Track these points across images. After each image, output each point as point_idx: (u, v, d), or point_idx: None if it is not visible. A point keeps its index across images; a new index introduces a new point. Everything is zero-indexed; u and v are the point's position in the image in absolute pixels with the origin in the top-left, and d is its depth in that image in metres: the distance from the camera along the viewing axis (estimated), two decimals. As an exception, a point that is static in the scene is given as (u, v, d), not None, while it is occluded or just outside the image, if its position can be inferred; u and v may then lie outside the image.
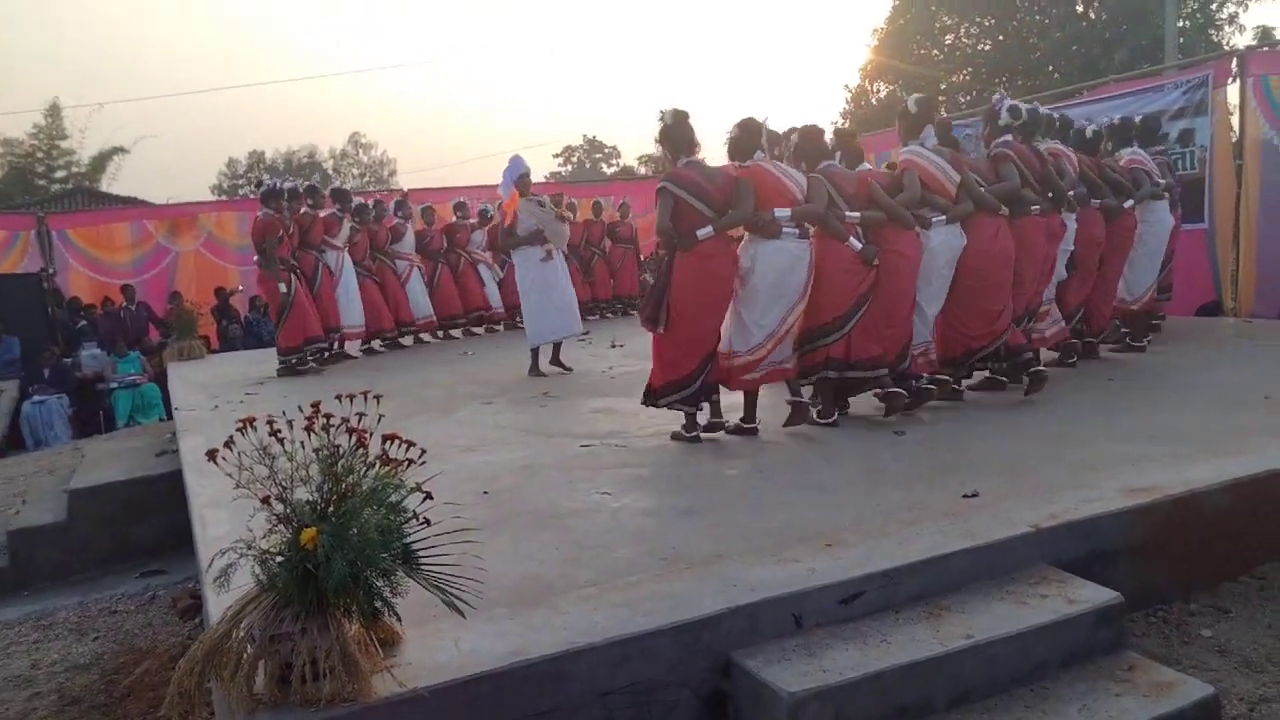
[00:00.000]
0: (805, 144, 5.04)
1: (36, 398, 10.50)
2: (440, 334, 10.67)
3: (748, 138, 4.78)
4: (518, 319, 11.20)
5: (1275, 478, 3.64)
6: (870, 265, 4.84)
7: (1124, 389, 5.57)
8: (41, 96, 51.70)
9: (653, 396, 4.87)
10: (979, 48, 24.90)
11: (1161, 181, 6.82)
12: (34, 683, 4.20)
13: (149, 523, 5.86)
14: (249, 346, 12.00)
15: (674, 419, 5.30)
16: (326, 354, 8.80)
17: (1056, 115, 6.36)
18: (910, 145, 5.29)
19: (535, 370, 7.35)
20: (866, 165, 5.40)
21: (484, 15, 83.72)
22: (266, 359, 9.71)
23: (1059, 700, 2.61)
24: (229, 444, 2.32)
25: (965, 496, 3.53)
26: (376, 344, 9.76)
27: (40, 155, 27.21)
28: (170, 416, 9.93)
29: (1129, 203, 6.39)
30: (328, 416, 2.37)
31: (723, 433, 4.92)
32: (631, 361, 7.91)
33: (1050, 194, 5.60)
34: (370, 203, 9.88)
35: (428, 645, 2.48)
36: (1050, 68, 22.58)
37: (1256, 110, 8.32)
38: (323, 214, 8.80)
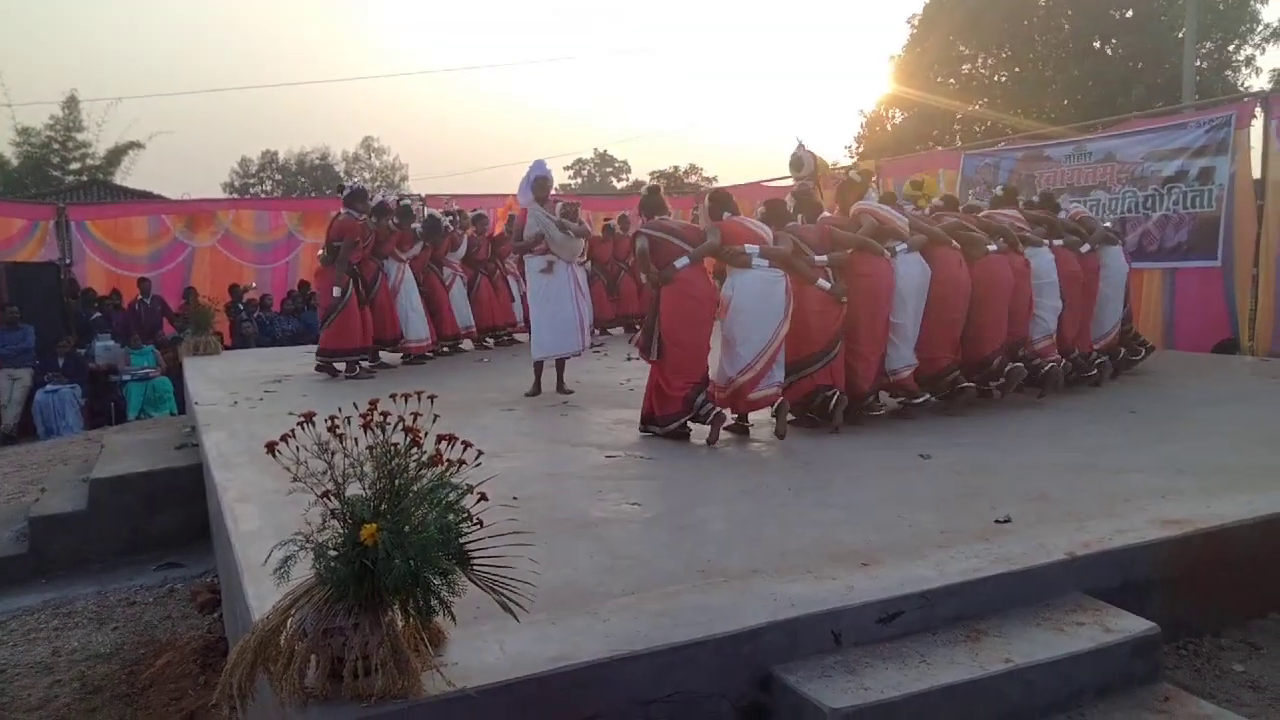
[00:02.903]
0: (770, 211, 5.64)
1: (50, 386, 10.54)
2: (486, 341, 10.49)
3: (717, 204, 5.54)
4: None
5: (1305, 516, 3.65)
6: (840, 302, 5.42)
7: (1146, 421, 5.59)
8: (59, 88, 51.94)
9: (654, 424, 5.29)
10: (995, 79, 25.04)
11: (1109, 225, 7.66)
12: (55, 670, 4.20)
13: (167, 515, 5.88)
14: (262, 344, 12.05)
15: (696, 433, 5.36)
16: (369, 364, 8.43)
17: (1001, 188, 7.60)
18: (859, 203, 6.05)
19: (535, 389, 6.95)
20: (826, 213, 6.10)
21: (499, 28, 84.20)
22: (280, 356, 9.77)
23: (1097, 728, 2.62)
24: (286, 438, 2.33)
25: (997, 521, 3.55)
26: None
27: (56, 146, 27.30)
28: (181, 410, 9.97)
29: (1085, 247, 6.95)
30: (384, 414, 2.39)
31: (725, 430, 5.33)
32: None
33: (1000, 238, 6.29)
34: (444, 216, 9.69)
35: (473, 646, 2.49)
36: (1066, 101, 22.70)
37: (1279, 152, 8.38)
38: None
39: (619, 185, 47.74)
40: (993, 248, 6.13)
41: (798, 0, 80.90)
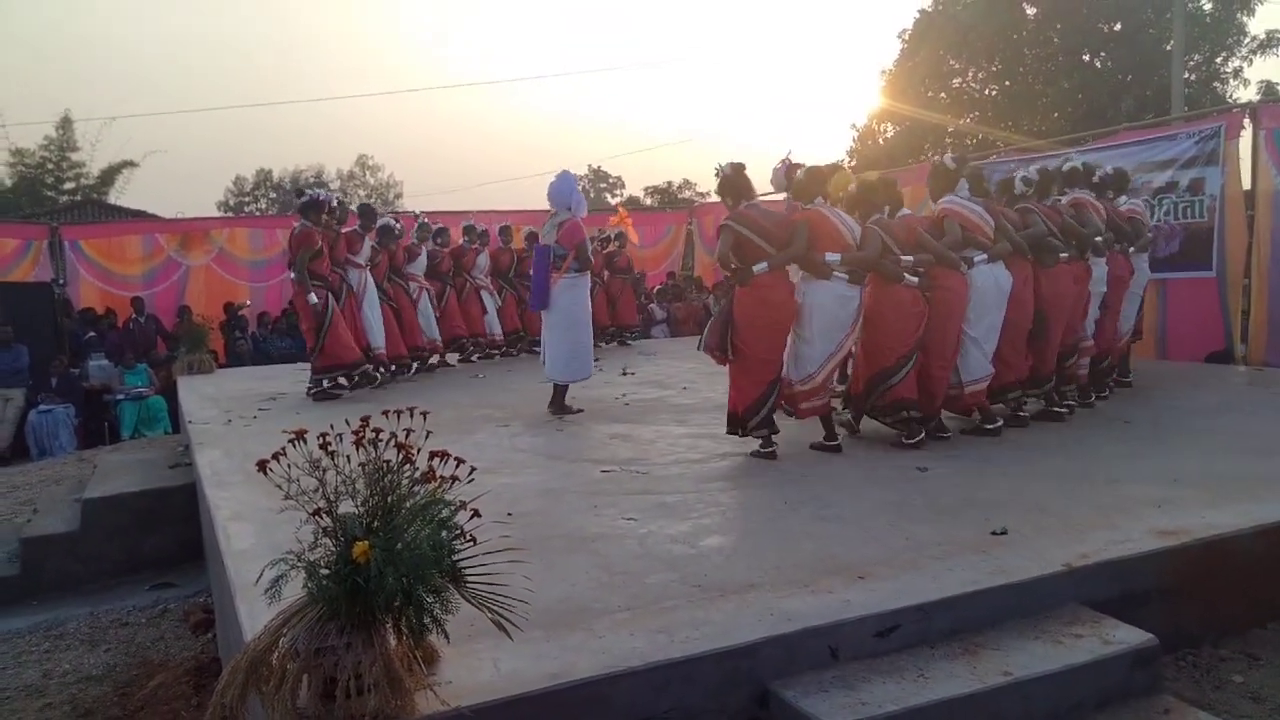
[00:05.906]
0: (864, 194, 5.48)
1: (43, 407, 10.48)
2: (449, 357, 10.48)
3: (812, 183, 5.27)
4: (534, 347, 10.26)
5: (1302, 525, 3.64)
6: (925, 298, 5.23)
7: (1141, 433, 5.59)
8: (53, 108, 51.98)
9: (738, 424, 5.13)
10: (986, 92, 25.16)
11: (1150, 234, 7.40)
12: (46, 693, 4.16)
13: (160, 535, 5.84)
14: (256, 362, 12.01)
15: (692, 447, 5.38)
16: (357, 377, 8.20)
17: (1080, 162, 6.82)
18: (948, 196, 5.71)
19: (567, 408, 6.70)
20: (906, 211, 5.75)
21: (493, 48, 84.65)
22: (274, 375, 9.72)
23: (1097, 741, 2.60)
24: (278, 456, 2.31)
25: (994, 533, 3.54)
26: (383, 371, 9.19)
27: (50, 166, 27.33)
28: (176, 429, 9.92)
29: (1131, 249, 6.78)
30: (376, 431, 2.37)
31: (810, 447, 5.28)
32: (645, 389, 7.94)
33: (1073, 242, 6.03)
34: (396, 223, 9.74)
35: (467, 665, 2.47)
36: (1056, 114, 22.83)
37: (1268, 162, 8.42)
38: (345, 230, 8.48)
39: (613, 200, 47.85)
40: (1064, 256, 5.89)
41: (791, 16, 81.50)
